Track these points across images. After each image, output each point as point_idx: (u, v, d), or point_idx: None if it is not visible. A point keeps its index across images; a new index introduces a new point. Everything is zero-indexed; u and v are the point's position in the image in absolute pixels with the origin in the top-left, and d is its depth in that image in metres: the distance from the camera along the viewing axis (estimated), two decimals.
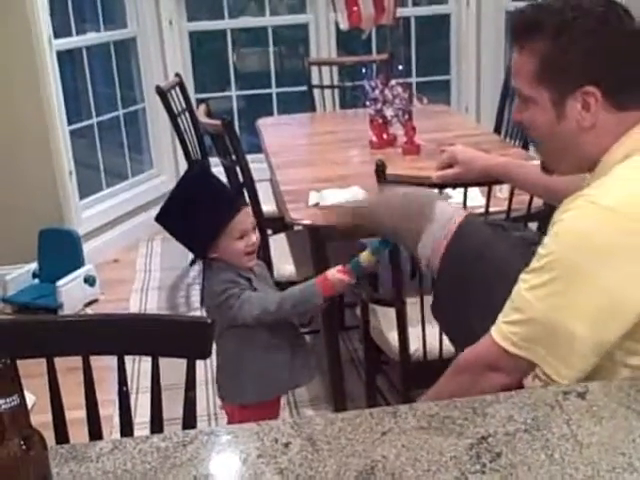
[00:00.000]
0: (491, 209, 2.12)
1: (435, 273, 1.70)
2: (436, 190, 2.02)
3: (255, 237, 1.96)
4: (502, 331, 1.32)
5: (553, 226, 1.29)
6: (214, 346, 1.99)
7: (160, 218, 1.99)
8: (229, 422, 2.06)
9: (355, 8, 3.99)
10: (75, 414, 1.47)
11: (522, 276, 1.32)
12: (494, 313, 1.35)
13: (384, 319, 2.28)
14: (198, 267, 4.07)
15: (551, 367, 1.28)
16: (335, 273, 1.92)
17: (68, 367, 1.44)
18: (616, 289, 1.23)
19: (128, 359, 1.41)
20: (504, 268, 1.44)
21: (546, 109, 1.34)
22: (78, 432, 1.40)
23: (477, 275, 1.60)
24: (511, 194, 2.09)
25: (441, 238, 1.65)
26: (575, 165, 1.40)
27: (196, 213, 1.91)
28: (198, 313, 3.60)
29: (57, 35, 3.97)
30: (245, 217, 1.95)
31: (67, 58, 4.14)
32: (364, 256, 1.91)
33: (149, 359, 1.40)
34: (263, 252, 2.61)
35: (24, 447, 0.88)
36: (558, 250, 1.27)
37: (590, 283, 1.23)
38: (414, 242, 1.71)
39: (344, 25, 4.23)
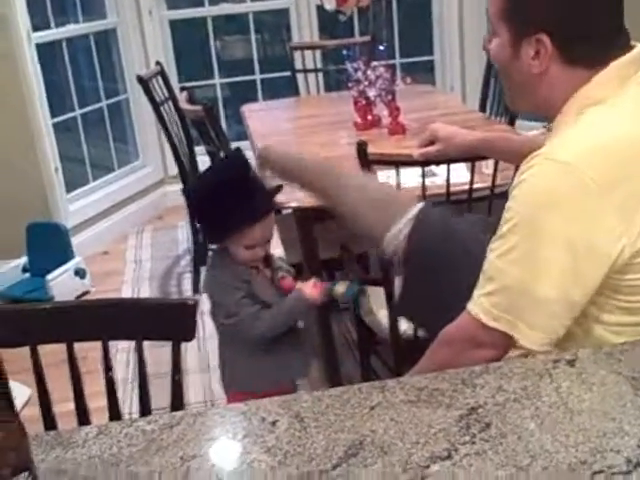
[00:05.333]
0: (477, 185, 2.11)
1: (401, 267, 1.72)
2: (419, 167, 2.02)
3: (263, 252, 1.90)
4: (478, 304, 1.31)
5: (513, 189, 1.29)
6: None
7: (188, 194, 1.93)
8: None
9: None
10: (69, 406, 1.46)
11: (490, 245, 1.31)
12: (466, 291, 1.34)
13: (374, 299, 2.27)
14: (188, 256, 4.06)
15: (523, 334, 1.27)
16: (311, 289, 1.91)
17: (62, 359, 1.42)
18: (580, 244, 1.22)
19: (124, 348, 1.40)
20: (468, 245, 1.43)
21: (504, 46, 1.36)
22: (70, 424, 1.38)
23: (443, 257, 1.61)
24: (495, 169, 2.08)
25: (399, 231, 1.67)
26: (531, 105, 1.42)
27: (221, 205, 1.82)
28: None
29: (36, 28, 3.93)
30: (263, 228, 1.87)
31: (47, 51, 4.10)
32: (339, 290, 1.98)
33: (147, 347, 1.38)
34: None
35: (1, 434, 0.86)
36: (519, 211, 1.26)
37: (552, 240, 1.22)
38: (379, 240, 1.73)
39: (330, 5, 4.20)
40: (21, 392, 1.68)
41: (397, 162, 2.07)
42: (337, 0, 4.09)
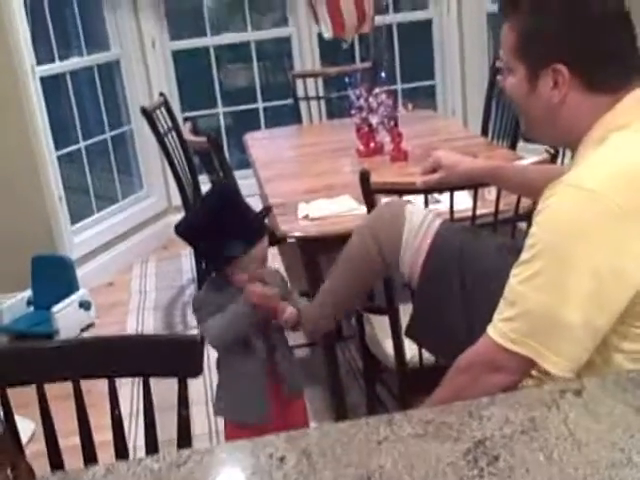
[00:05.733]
0: (480, 211, 2.11)
1: (414, 288, 1.73)
2: (422, 196, 2.03)
3: (260, 271, 1.91)
4: (499, 328, 1.31)
5: (537, 215, 1.30)
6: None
7: (180, 230, 1.95)
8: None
9: (338, 17, 4.01)
10: (74, 440, 1.45)
11: (513, 271, 1.31)
12: (482, 315, 1.34)
13: (379, 328, 2.27)
14: (193, 285, 4.06)
15: (546, 359, 1.27)
16: (251, 287, 1.88)
17: (67, 393, 1.41)
18: (606, 270, 1.22)
19: (128, 381, 1.40)
20: (484, 269, 1.44)
21: (521, 82, 1.38)
22: (76, 459, 1.38)
23: (459, 279, 1.61)
24: (498, 196, 2.09)
25: (416, 248, 1.68)
26: (551, 137, 1.45)
27: (214, 235, 1.86)
28: (195, 332, 3.58)
29: (40, 62, 3.97)
30: (258, 251, 1.88)
31: (51, 84, 4.13)
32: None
33: (149, 381, 1.38)
34: None
35: (11, 476, 0.87)
36: (544, 238, 1.27)
37: (578, 267, 1.22)
38: (396, 254, 1.74)
39: (328, 34, 4.24)
40: (25, 427, 1.68)
41: (400, 191, 2.08)
42: (334, 28, 4.13)
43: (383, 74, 3.71)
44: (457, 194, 2.07)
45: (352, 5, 4.06)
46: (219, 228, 1.84)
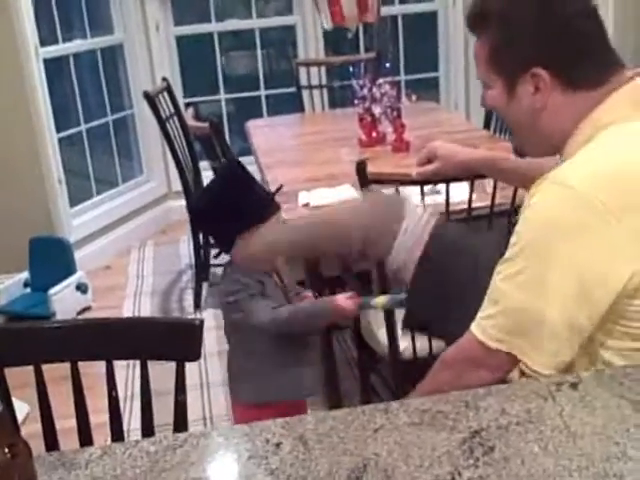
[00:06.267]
0: (478, 204, 2.11)
1: (406, 282, 1.71)
2: (418, 187, 2.02)
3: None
4: (481, 326, 1.32)
5: (523, 212, 1.30)
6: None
7: (192, 208, 1.95)
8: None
9: (337, 7, 3.99)
10: (70, 423, 1.46)
11: (497, 268, 1.31)
12: (474, 312, 1.35)
13: (374, 318, 2.27)
14: (190, 271, 4.06)
15: (530, 357, 1.28)
16: (346, 300, 1.88)
17: (62, 375, 1.42)
18: (589, 270, 1.22)
19: (123, 364, 1.40)
20: (482, 261, 1.44)
21: (500, 93, 1.38)
22: (71, 441, 1.38)
23: (458, 269, 1.61)
24: (494, 188, 2.08)
25: (411, 246, 1.67)
26: (539, 145, 1.42)
27: (225, 211, 1.86)
28: (191, 317, 3.58)
29: (43, 43, 3.96)
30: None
31: (54, 66, 4.12)
32: (380, 301, 1.90)
33: (147, 363, 1.38)
34: None
35: (9, 455, 0.87)
36: (527, 235, 1.27)
37: (560, 266, 1.22)
38: (386, 250, 1.72)
39: (327, 25, 4.23)
40: (19, 408, 1.67)
41: (396, 181, 2.07)
42: (333, 18, 4.12)
43: (388, 65, 3.70)
44: (457, 185, 2.07)
45: None
46: (230, 200, 1.84)
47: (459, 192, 2.12)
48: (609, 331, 1.28)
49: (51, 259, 3.71)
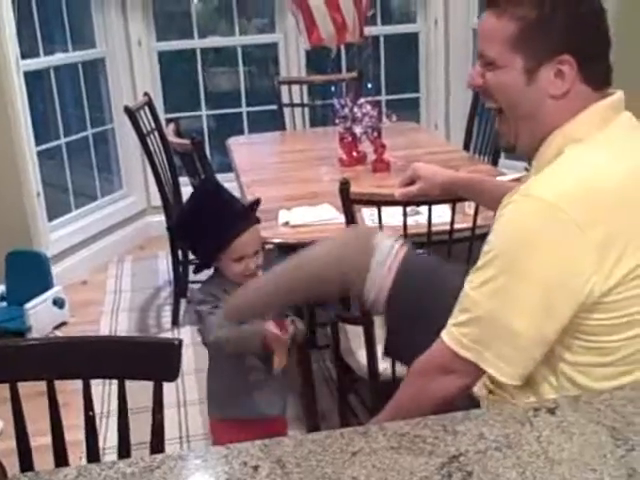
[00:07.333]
0: (459, 225, 2.12)
1: (381, 313, 1.73)
2: (400, 207, 2.03)
3: (254, 264, 1.95)
4: (451, 333, 1.34)
5: (495, 222, 1.32)
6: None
7: (172, 228, 1.99)
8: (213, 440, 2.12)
9: (314, 27, 4.01)
10: (45, 440, 1.44)
11: (468, 277, 1.33)
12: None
13: (354, 338, 2.27)
14: (169, 288, 4.04)
15: (491, 366, 1.30)
16: (272, 329, 1.89)
17: (38, 391, 1.40)
18: (555, 281, 1.24)
19: (98, 382, 1.39)
20: (452, 288, 1.44)
21: (516, 74, 1.33)
22: (46, 459, 1.37)
23: (429, 299, 1.62)
24: (476, 210, 2.09)
25: (383, 277, 1.68)
26: (530, 135, 1.38)
27: (201, 227, 1.91)
28: (169, 334, 3.56)
29: (24, 56, 3.94)
30: (248, 240, 1.94)
31: (35, 79, 4.10)
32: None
33: (124, 383, 1.37)
34: None
35: None
36: (498, 246, 1.29)
37: (527, 277, 1.25)
38: (361, 284, 1.72)
39: (306, 45, 4.26)
40: None
41: (378, 202, 2.08)
42: (310, 40, 4.12)
43: (369, 85, 3.72)
44: (438, 207, 2.08)
45: (327, 17, 4.05)
46: (206, 216, 1.89)
47: (439, 213, 2.13)
48: (569, 345, 1.31)
49: (28, 273, 3.68)
